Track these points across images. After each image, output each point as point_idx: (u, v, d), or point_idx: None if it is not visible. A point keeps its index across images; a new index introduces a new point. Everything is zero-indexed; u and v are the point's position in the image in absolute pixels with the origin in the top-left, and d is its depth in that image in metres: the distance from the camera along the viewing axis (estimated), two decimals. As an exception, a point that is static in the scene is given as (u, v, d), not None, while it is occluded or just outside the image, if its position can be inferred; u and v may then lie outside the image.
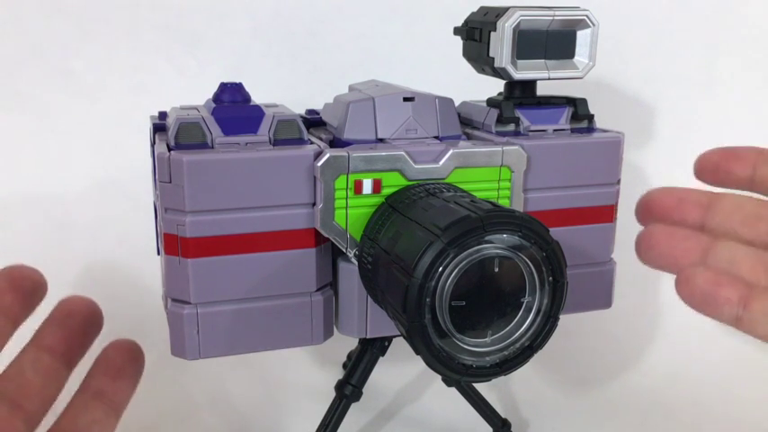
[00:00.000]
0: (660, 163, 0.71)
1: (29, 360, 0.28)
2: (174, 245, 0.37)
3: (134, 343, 0.31)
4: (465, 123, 0.46)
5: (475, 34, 0.43)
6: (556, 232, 0.33)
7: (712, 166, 0.31)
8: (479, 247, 0.32)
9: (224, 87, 0.40)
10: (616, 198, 0.44)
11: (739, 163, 0.30)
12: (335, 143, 0.41)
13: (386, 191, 0.38)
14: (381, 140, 0.40)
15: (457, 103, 0.45)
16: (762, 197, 0.31)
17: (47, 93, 0.69)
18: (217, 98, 0.40)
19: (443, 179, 0.39)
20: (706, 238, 0.30)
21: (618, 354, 0.65)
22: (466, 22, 0.45)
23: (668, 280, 0.69)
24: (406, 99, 0.41)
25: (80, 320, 0.30)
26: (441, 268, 0.31)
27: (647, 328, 0.68)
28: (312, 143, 0.39)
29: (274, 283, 0.38)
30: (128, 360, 0.30)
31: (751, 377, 0.61)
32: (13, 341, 0.28)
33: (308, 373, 0.60)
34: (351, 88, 0.47)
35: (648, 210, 0.32)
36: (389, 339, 0.46)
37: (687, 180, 0.35)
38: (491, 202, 0.34)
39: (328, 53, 0.70)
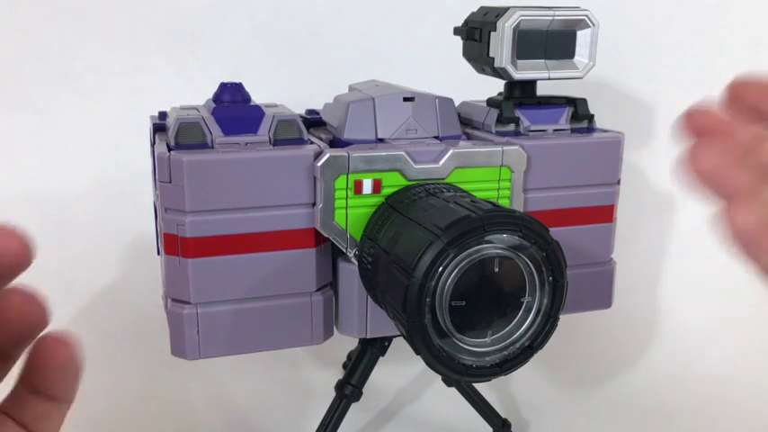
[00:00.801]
0: (660, 163, 0.71)
1: None
2: (174, 245, 0.37)
3: (71, 337, 0.30)
4: (465, 123, 0.46)
5: (475, 34, 0.43)
6: (556, 232, 0.33)
7: (753, 97, 0.28)
8: (479, 247, 0.32)
9: (224, 87, 0.40)
10: (616, 198, 0.44)
11: None
12: (335, 143, 0.41)
13: (386, 191, 0.38)
14: (381, 140, 0.40)
15: (457, 103, 0.45)
16: None
17: (47, 93, 0.69)
18: (217, 98, 0.40)
19: (443, 179, 0.39)
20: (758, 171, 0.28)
21: (618, 354, 0.65)
22: (466, 22, 0.45)
23: (668, 280, 0.69)
24: (406, 99, 0.41)
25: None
26: (441, 268, 0.31)
27: (647, 328, 0.68)
28: (312, 143, 0.39)
29: (274, 283, 0.38)
30: (68, 358, 0.29)
31: (750, 377, 0.61)
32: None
33: (308, 373, 0.60)
34: (351, 88, 0.47)
35: (694, 124, 0.29)
36: (389, 339, 0.46)
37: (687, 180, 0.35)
38: (491, 202, 0.34)
39: (328, 53, 0.70)
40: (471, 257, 0.31)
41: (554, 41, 0.42)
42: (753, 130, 0.28)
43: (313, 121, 0.45)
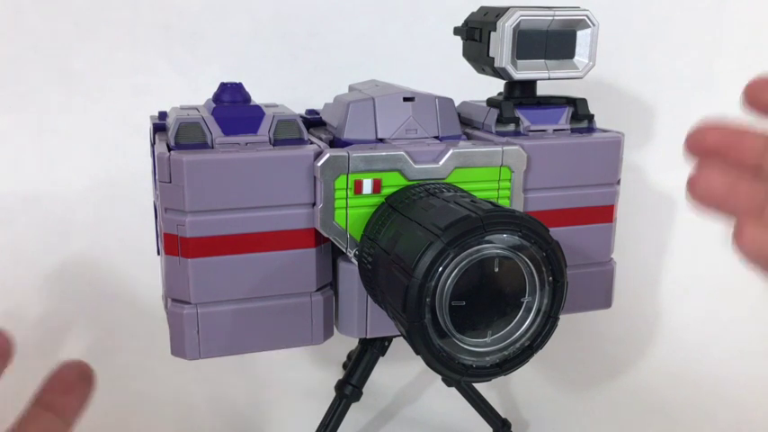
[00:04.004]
0: (660, 163, 0.71)
1: None
2: (174, 245, 0.37)
3: (86, 364, 0.32)
4: (465, 123, 0.46)
5: (475, 34, 0.43)
6: (556, 232, 0.33)
7: None
8: (479, 247, 0.32)
9: (224, 87, 0.40)
10: (616, 198, 0.44)
11: None
12: (335, 143, 0.41)
13: (386, 191, 0.38)
14: (381, 140, 0.40)
15: (457, 103, 0.45)
16: None
17: (47, 93, 0.69)
18: (217, 98, 0.40)
19: (443, 179, 0.39)
20: (764, 186, 0.28)
21: (618, 354, 0.65)
22: (466, 22, 0.45)
23: (668, 280, 0.69)
24: (406, 99, 0.41)
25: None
26: (441, 268, 0.31)
27: (647, 328, 0.68)
28: (312, 143, 0.39)
29: (274, 283, 0.38)
30: (79, 379, 0.31)
31: (750, 377, 0.61)
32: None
33: (308, 373, 0.60)
34: (351, 88, 0.47)
35: (701, 144, 0.29)
36: (389, 339, 0.46)
37: (686, 180, 0.35)
38: (491, 202, 0.34)
39: (328, 53, 0.70)
40: (471, 257, 0.31)
41: (554, 41, 0.42)
42: (762, 137, 0.28)
43: (313, 121, 0.45)
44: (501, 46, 0.41)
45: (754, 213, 0.26)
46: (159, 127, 0.43)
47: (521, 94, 0.44)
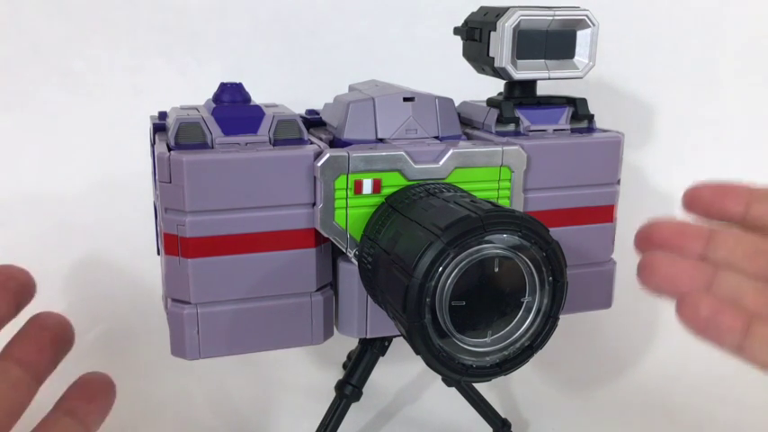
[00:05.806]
0: (660, 163, 0.71)
1: None
2: (174, 245, 0.37)
3: (108, 377, 0.32)
4: (465, 123, 0.46)
5: (475, 34, 0.43)
6: (556, 232, 0.33)
7: (704, 203, 0.31)
8: (479, 247, 0.32)
9: (224, 87, 0.40)
10: (616, 198, 0.44)
11: (732, 200, 0.31)
12: (335, 143, 0.41)
13: (386, 191, 0.38)
14: (381, 140, 0.40)
15: (457, 103, 0.45)
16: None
17: (47, 93, 0.69)
18: (217, 98, 0.40)
19: (443, 179, 0.39)
20: (708, 268, 0.31)
21: (618, 354, 0.65)
22: (466, 22, 0.45)
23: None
24: (406, 99, 0.41)
25: (52, 336, 0.30)
26: (441, 268, 0.31)
27: (646, 328, 0.68)
28: (312, 143, 0.39)
29: (274, 283, 0.38)
30: (101, 390, 0.31)
31: (750, 378, 0.61)
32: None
33: (308, 373, 0.60)
34: (351, 88, 0.47)
35: (649, 239, 0.32)
36: (389, 339, 0.46)
37: (686, 180, 0.35)
38: (491, 202, 0.34)
39: (328, 53, 0.70)
40: (471, 257, 0.31)
41: (554, 41, 0.42)
42: (706, 228, 0.30)
43: (313, 121, 0.45)
44: (501, 46, 0.41)
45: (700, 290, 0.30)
46: (159, 127, 0.43)
47: (521, 94, 0.44)
